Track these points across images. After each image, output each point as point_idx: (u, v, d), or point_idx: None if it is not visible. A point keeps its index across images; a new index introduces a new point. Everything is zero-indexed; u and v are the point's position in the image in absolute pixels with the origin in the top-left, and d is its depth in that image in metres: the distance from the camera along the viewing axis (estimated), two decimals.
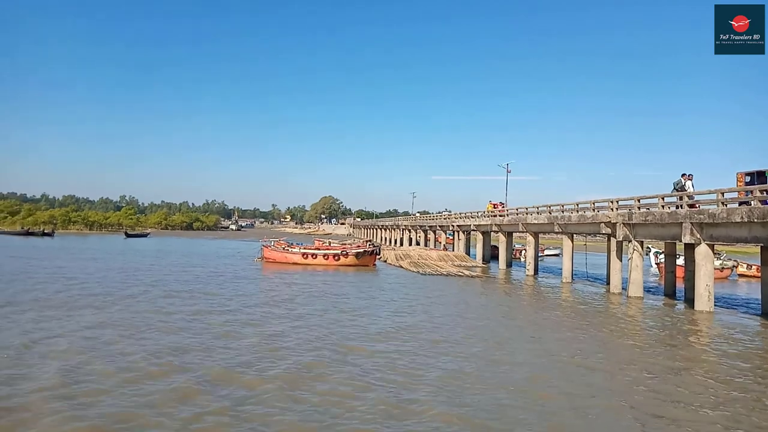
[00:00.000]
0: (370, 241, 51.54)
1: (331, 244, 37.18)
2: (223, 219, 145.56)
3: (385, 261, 35.36)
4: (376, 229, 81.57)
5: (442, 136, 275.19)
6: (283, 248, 31.84)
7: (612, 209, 22.96)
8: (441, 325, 13.24)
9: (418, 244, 52.79)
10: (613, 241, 23.00)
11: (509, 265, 33.93)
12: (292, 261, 30.38)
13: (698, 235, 17.55)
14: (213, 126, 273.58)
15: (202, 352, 9.53)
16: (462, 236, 42.22)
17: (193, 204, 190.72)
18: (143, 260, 30.82)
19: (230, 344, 10.18)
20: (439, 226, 49.06)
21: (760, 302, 18.55)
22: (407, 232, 60.25)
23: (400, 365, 9.15)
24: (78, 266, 25.37)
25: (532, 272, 29.60)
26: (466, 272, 29.34)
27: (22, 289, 16.82)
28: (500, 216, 35.04)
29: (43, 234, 61.24)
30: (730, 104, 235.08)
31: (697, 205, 18.53)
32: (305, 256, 30.64)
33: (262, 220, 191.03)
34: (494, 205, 39.28)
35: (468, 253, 41.14)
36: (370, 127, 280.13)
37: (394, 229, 68.48)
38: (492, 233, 37.25)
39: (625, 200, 22.64)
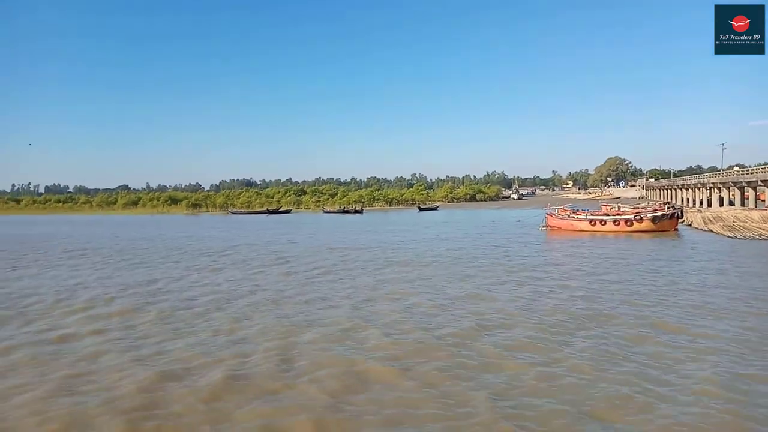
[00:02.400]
0: (668, 202, 45.89)
1: (621, 209, 34.35)
2: (503, 189, 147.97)
3: (690, 225, 31.13)
4: (675, 190, 72.10)
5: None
6: (568, 215, 30.86)
7: None
8: None
9: (731, 204, 44.81)
10: None
11: None
12: (578, 228, 29.24)
13: None
14: (483, 94, 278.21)
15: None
16: None
17: (474, 177, 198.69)
18: (445, 230, 33.59)
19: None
20: (762, 181, 40.65)
21: None
22: (716, 191, 51.62)
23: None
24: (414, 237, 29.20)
25: None
26: None
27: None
28: None
29: (355, 211, 71.94)
30: None
31: None
32: (593, 222, 29.13)
33: (543, 187, 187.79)
34: None
35: None
36: (666, 64, 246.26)
37: (699, 189, 59.39)
38: None
39: None
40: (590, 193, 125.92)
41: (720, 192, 50.38)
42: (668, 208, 31.24)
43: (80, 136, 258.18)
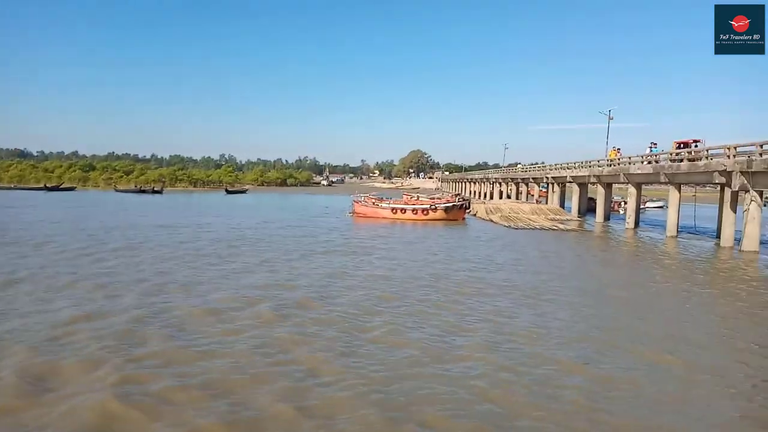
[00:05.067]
0: (459, 194, 50.92)
1: (420, 199, 37.14)
2: (315, 175, 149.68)
3: (475, 215, 34.90)
4: (465, 183, 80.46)
5: (532, 83, 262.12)
6: (373, 203, 32.31)
7: (728, 156, 20.92)
8: (521, 275, 12.92)
9: (509, 197, 51.48)
10: (728, 191, 21.11)
11: (607, 218, 32.31)
12: (381, 216, 30.79)
13: None
14: (300, 79, 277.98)
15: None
16: (556, 189, 40.56)
17: (286, 161, 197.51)
18: (257, 214, 32.50)
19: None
20: (532, 178, 47.40)
21: None
22: (498, 185, 58.89)
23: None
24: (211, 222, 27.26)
25: (632, 225, 28.02)
26: (561, 226, 28.30)
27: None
28: (599, 167, 33.17)
29: (153, 191, 66.08)
30: None
31: None
32: (394, 210, 30.91)
33: (352, 175, 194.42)
34: (617, 151, 36.48)
35: (562, 206, 39.51)
36: (461, 77, 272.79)
37: (484, 183, 67.17)
38: (589, 185, 35.49)
39: (744, 146, 20.58)
40: (394, 183, 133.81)
41: (501, 186, 57.57)
42: (458, 199, 34.56)
43: None
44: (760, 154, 19.24)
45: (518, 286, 12.05)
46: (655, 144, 27.74)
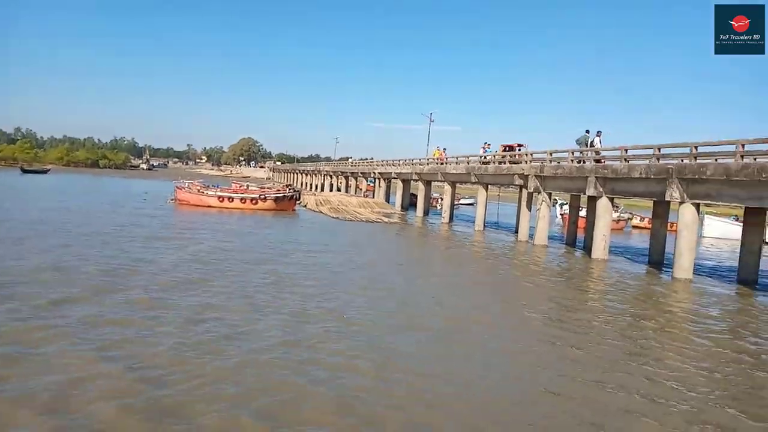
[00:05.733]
0: (290, 185, 50.73)
1: (250, 188, 36.23)
2: (133, 157, 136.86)
3: (305, 206, 35.12)
4: (297, 174, 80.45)
5: (360, 83, 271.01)
6: (198, 190, 30.68)
7: (526, 162, 23.96)
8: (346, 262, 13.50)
9: (339, 190, 52.72)
10: (525, 192, 24.10)
11: (426, 213, 34.81)
12: (207, 204, 29.37)
13: (601, 189, 18.75)
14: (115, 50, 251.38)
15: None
16: (383, 184, 42.60)
17: (99, 140, 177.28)
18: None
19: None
20: (361, 173, 49.12)
21: (648, 252, 20.32)
22: (329, 177, 59.90)
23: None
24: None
25: (447, 220, 30.60)
26: (385, 219, 29.82)
27: None
28: (420, 165, 35.59)
29: None
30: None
31: (603, 161, 19.76)
32: (221, 199, 29.73)
33: (176, 160, 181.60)
34: (442, 151, 39.01)
35: (388, 200, 41.67)
36: (296, 66, 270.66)
37: (316, 175, 67.85)
38: (412, 182, 37.87)
39: (538, 154, 23.77)
40: (222, 170, 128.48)
41: (332, 179, 58.65)
42: (289, 190, 34.46)
43: None
44: (550, 161, 22.42)
45: (330, 265, 12.49)
46: (489, 145, 29.72)
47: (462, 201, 55.86)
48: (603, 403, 5.94)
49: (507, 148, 29.45)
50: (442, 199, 38.00)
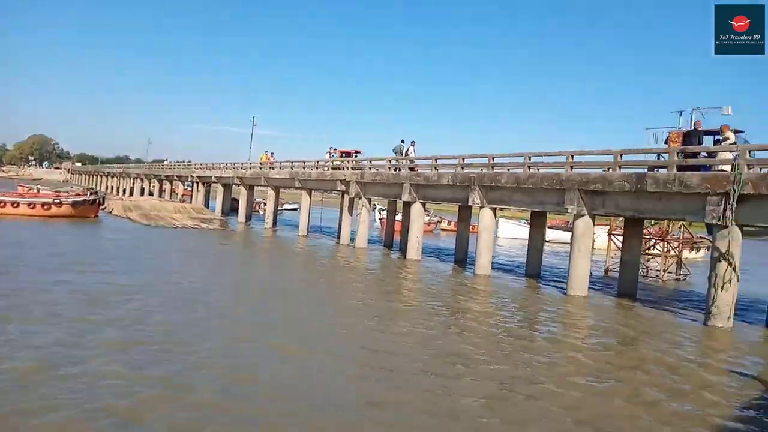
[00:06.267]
0: (92, 189, 45.48)
1: (41, 191, 31.63)
2: None
3: (111, 212, 31.79)
4: (102, 177, 72.63)
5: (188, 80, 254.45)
6: None
7: (348, 168, 24.75)
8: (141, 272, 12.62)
9: (152, 194, 48.72)
10: (347, 197, 24.86)
11: (249, 218, 33.94)
12: None
13: (415, 195, 20.17)
14: None
15: None
16: (201, 188, 40.52)
17: None
18: None
19: None
20: (177, 176, 46.11)
21: (454, 252, 22.36)
22: (139, 181, 55.11)
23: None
24: None
25: (271, 225, 30.23)
26: (203, 225, 28.37)
27: None
28: (243, 169, 34.60)
29: None
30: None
31: (416, 169, 21.33)
32: (2, 204, 25.47)
33: None
34: (269, 155, 37.64)
35: (207, 205, 39.65)
36: (99, 61, 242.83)
37: (124, 178, 61.87)
38: (234, 186, 36.63)
39: (364, 160, 24.84)
40: (6, 171, 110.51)
41: (143, 183, 54.02)
42: (90, 194, 30.90)
43: None
44: (370, 168, 23.49)
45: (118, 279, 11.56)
46: (335, 149, 30.23)
47: (286, 206, 55.63)
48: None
49: (344, 154, 30.25)
50: (265, 204, 37.42)
